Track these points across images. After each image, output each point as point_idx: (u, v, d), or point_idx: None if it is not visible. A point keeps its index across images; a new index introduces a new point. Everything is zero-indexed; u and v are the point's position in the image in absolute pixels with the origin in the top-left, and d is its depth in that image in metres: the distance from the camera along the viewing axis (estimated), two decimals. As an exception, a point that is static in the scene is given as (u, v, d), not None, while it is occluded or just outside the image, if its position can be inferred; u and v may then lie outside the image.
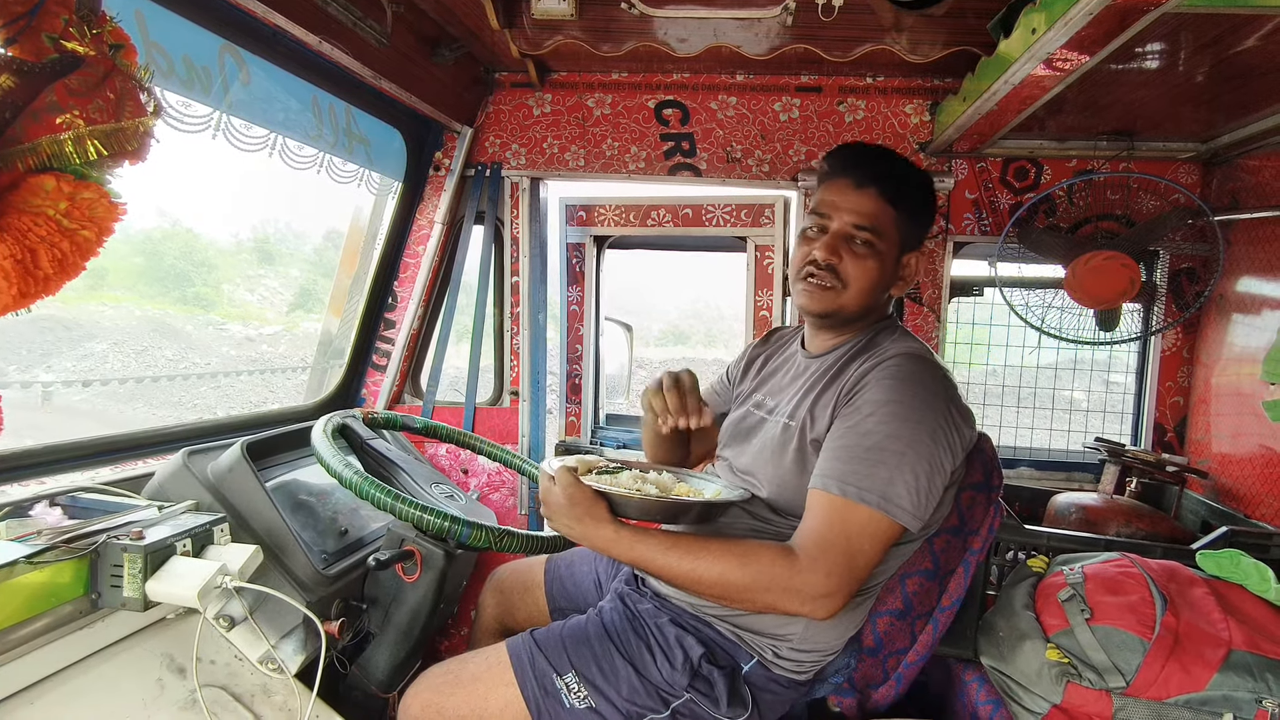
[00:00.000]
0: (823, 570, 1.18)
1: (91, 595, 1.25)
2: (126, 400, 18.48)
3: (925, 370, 1.30)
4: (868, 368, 1.32)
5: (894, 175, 1.39)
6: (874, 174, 1.37)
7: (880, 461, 1.21)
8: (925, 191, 1.45)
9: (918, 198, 1.42)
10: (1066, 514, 2.07)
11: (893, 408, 1.24)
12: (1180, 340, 2.41)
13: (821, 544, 1.20)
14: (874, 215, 1.37)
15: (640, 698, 1.36)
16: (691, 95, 2.45)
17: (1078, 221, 2.36)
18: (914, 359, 1.31)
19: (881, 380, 1.28)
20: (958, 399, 1.31)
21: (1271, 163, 2.06)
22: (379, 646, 1.69)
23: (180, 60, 1.54)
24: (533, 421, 2.58)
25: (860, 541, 1.20)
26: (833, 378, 1.39)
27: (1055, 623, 1.48)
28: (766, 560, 1.21)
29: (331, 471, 1.53)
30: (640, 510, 1.28)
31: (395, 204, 2.50)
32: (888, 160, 1.42)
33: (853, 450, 1.24)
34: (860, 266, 1.38)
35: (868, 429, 1.24)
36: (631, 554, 1.27)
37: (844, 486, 1.21)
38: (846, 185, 1.39)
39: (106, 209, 1.01)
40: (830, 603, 1.19)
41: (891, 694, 1.48)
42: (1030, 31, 1.47)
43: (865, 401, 1.27)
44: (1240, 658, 1.34)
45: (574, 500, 1.27)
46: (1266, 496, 1.99)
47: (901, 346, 1.36)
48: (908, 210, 1.40)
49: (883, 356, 1.33)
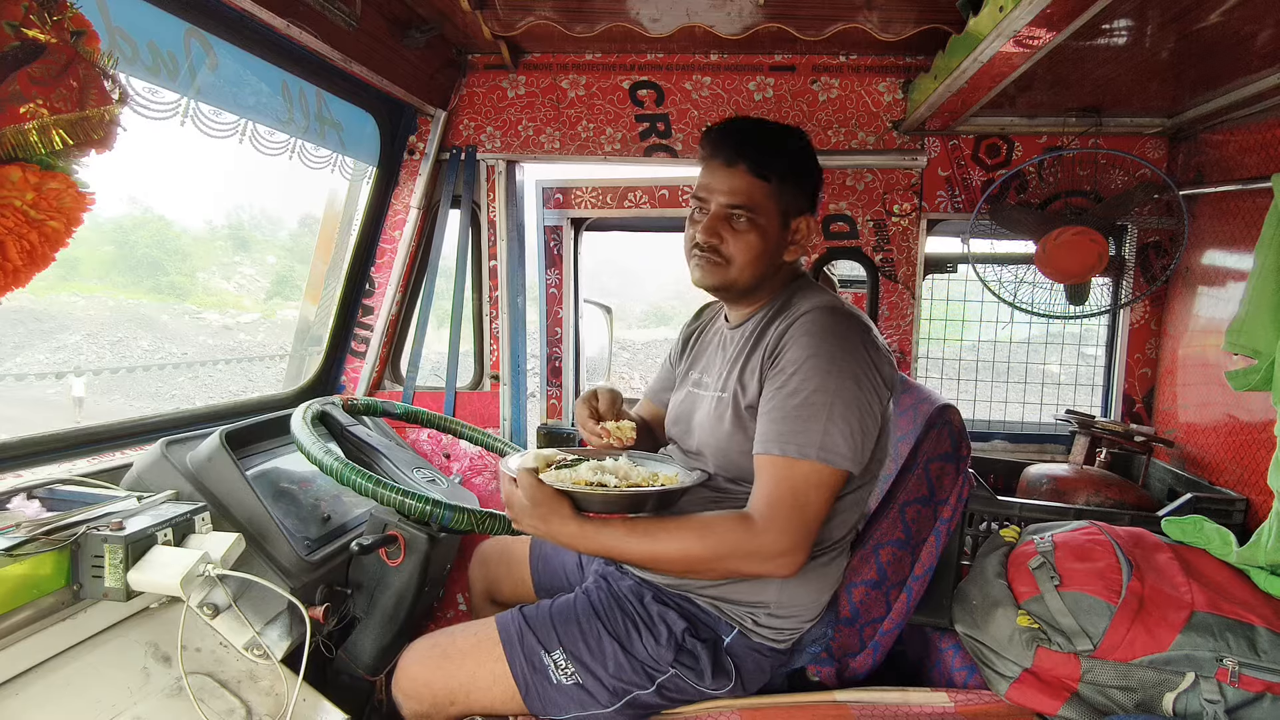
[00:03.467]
0: (776, 529, 1.24)
1: (73, 586, 1.25)
2: (103, 391, 18.26)
3: (839, 320, 1.33)
4: (784, 327, 1.36)
5: (762, 149, 1.39)
6: (740, 151, 1.38)
7: (812, 416, 1.26)
8: (801, 158, 1.44)
9: (792, 166, 1.42)
10: (1039, 484, 2.12)
11: (814, 362, 1.28)
12: (1148, 313, 2.46)
13: (772, 504, 1.25)
14: (746, 192, 1.38)
15: (626, 674, 1.39)
16: (666, 76, 2.44)
17: (1048, 197, 2.39)
18: (826, 311, 1.35)
19: (799, 338, 1.32)
20: (873, 341, 1.34)
21: (1235, 137, 2.10)
22: (364, 630, 1.71)
23: (145, 46, 1.51)
24: (514, 405, 2.59)
25: (807, 494, 1.25)
26: (754, 343, 1.43)
27: (1026, 590, 1.52)
28: (723, 529, 1.26)
29: (312, 458, 1.53)
30: (603, 504, 1.31)
31: (370, 189, 2.48)
32: (755, 134, 1.41)
33: (784, 410, 1.28)
34: (741, 242, 1.40)
35: (794, 387, 1.29)
36: (597, 545, 1.31)
37: (784, 446, 1.26)
38: (718, 165, 1.41)
39: (74, 199, 1.00)
40: (790, 559, 1.25)
41: (869, 662, 1.52)
42: (998, 9, 1.49)
43: (788, 361, 1.32)
44: (1202, 619, 1.38)
45: (536, 501, 1.30)
46: (1229, 464, 2.05)
47: (813, 302, 1.38)
48: (781, 179, 1.40)
49: (796, 314, 1.37)
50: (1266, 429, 1.70)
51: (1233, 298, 2.07)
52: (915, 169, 2.41)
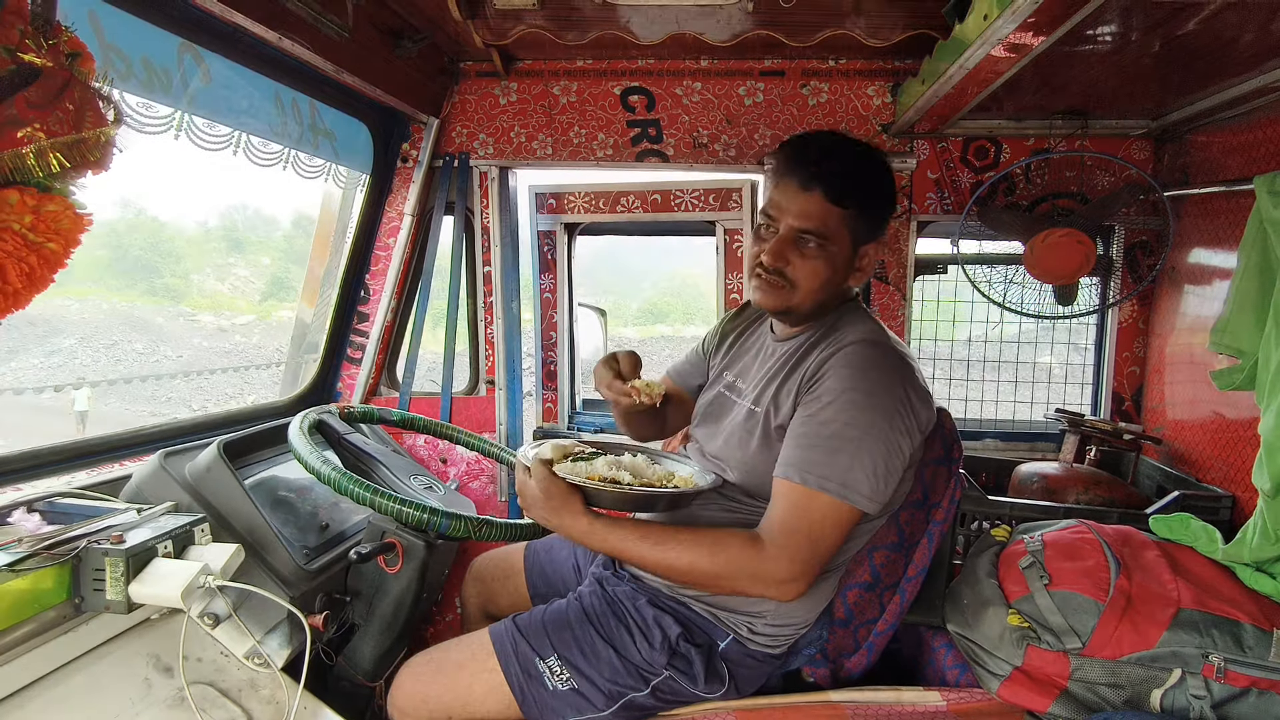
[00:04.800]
0: (787, 557, 1.24)
1: (75, 600, 1.27)
2: (99, 398, 18.22)
3: (881, 356, 1.33)
4: (826, 355, 1.35)
5: (840, 174, 1.34)
6: (818, 174, 1.33)
7: (839, 449, 1.25)
8: (877, 184, 1.40)
9: (868, 192, 1.37)
10: (1029, 483, 2.14)
11: (850, 395, 1.28)
12: (1136, 312, 2.48)
13: (786, 531, 1.25)
14: (820, 217, 1.34)
15: (621, 677, 1.41)
16: (656, 82, 2.46)
17: (1036, 199, 2.41)
18: (870, 345, 1.34)
19: (839, 369, 1.31)
20: (914, 381, 1.34)
21: (1219, 138, 2.12)
22: (364, 637, 1.72)
23: (139, 61, 1.52)
24: (510, 409, 2.61)
25: (822, 528, 1.25)
26: (795, 365, 1.42)
27: (1016, 589, 1.54)
28: (734, 549, 1.26)
29: (310, 469, 1.55)
30: (614, 501, 1.32)
31: (364, 197, 2.49)
32: (834, 158, 1.35)
33: (813, 439, 1.28)
34: (808, 268, 1.37)
35: (827, 417, 1.28)
36: (606, 544, 1.32)
37: (805, 475, 1.26)
38: (792, 186, 1.36)
39: (72, 221, 1.01)
40: (795, 587, 1.25)
41: (863, 663, 1.54)
42: (983, 17, 1.50)
43: (824, 390, 1.30)
44: (1188, 616, 1.41)
45: (549, 493, 1.31)
46: (1216, 461, 2.08)
47: (859, 333, 1.37)
48: (857, 207, 1.36)
49: (840, 344, 1.35)
50: (1251, 427, 1.72)
51: (1218, 297, 2.10)
52: (905, 172, 2.43)
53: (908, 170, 2.43)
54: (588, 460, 1.43)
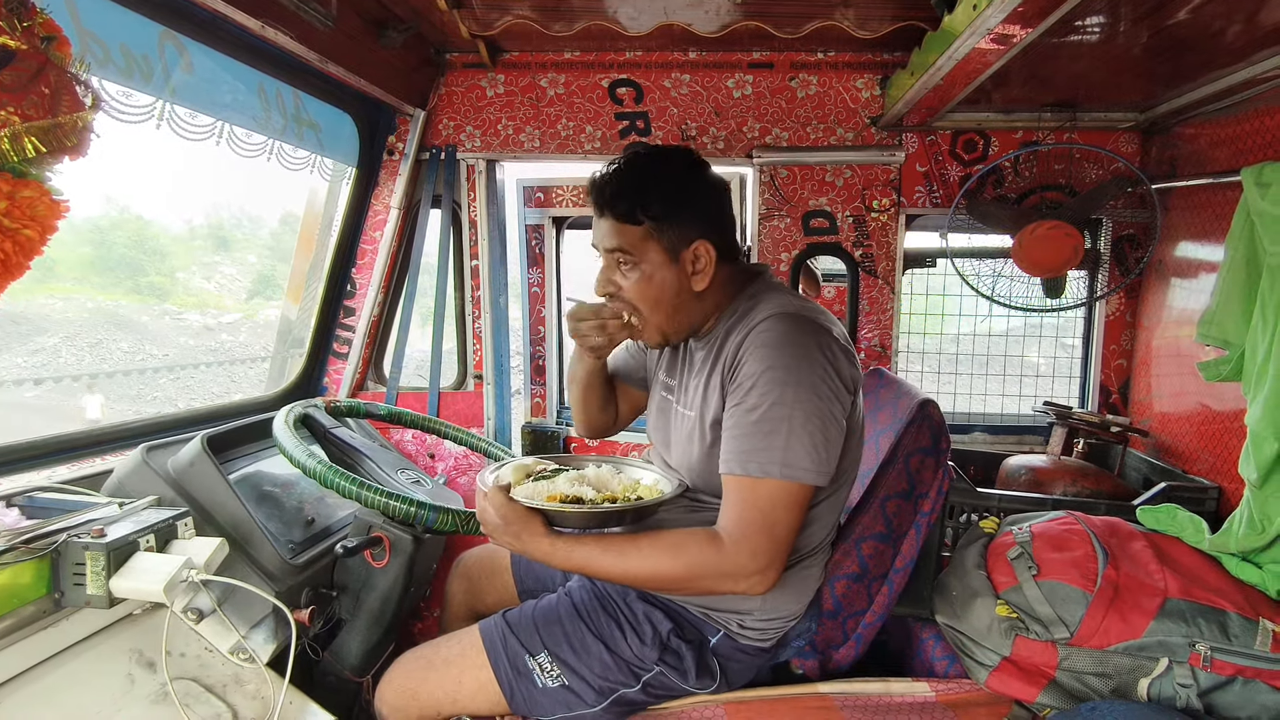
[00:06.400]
0: (748, 550, 1.22)
1: (54, 595, 1.25)
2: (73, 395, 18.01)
3: (794, 326, 1.29)
4: (741, 338, 1.33)
5: (622, 195, 1.35)
6: (602, 200, 1.36)
7: (772, 431, 1.23)
8: (667, 190, 1.36)
9: (659, 204, 1.35)
10: (1017, 476, 2.15)
11: (770, 374, 1.25)
12: (1123, 305, 2.49)
13: (741, 524, 1.24)
14: (617, 237, 1.36)
15: (612, 673, 1.40)
16: (645, 74, 2.45)
17: (1024, 192, 2.42)
18: (781, 319, 1.30)
19: (754, 350, 1.29)
20: (831, 343, 1.30)
21: (1206, 130, 2.13)
22: (351, 632, 1.71)
23: (118, 49, 1.50)
24: (498, 404, 2.59)
25: (776, 513, 1.24)
26: (715, 357, 1.39)
27: (1005, 580, 1.55)
28: (694, 550, 1.24)
29: (294, 462, 1.53)
30: (575, 520, 1.30)
31: (349, 189, 2.47)
32: (615, 182, 1.36)
33: (745, 427, 1.26)
34: (634, 288, 1.39)
35: (752, 403, 1.26)
36: (570, 562, 1.30)
37: (746, 465, 1.24)
38: (595, 215, 1.40)
39: (48, 207, 0.99)
40: (764, 578, 1.24)
41: (852, 654, 1.54)
42: (972, 7, 1.50)
43: (745, 375, 1.29)
44: (1175, 605, 1.42)
45: (506, 519, 1.28)
46: (1202, 453, 2.09)
47: (770, 308, 1.34)
48: (652, 219, 1.34)
49: (752, 323, 1.33)
50: (1238, 418, 1.73)
51: (1205, 289, 2.11)
52: (894, 165, 2.43)
53: (897, 163, 2.43)
54: (550, 478, 1.40)
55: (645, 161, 1.38)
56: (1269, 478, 1.55)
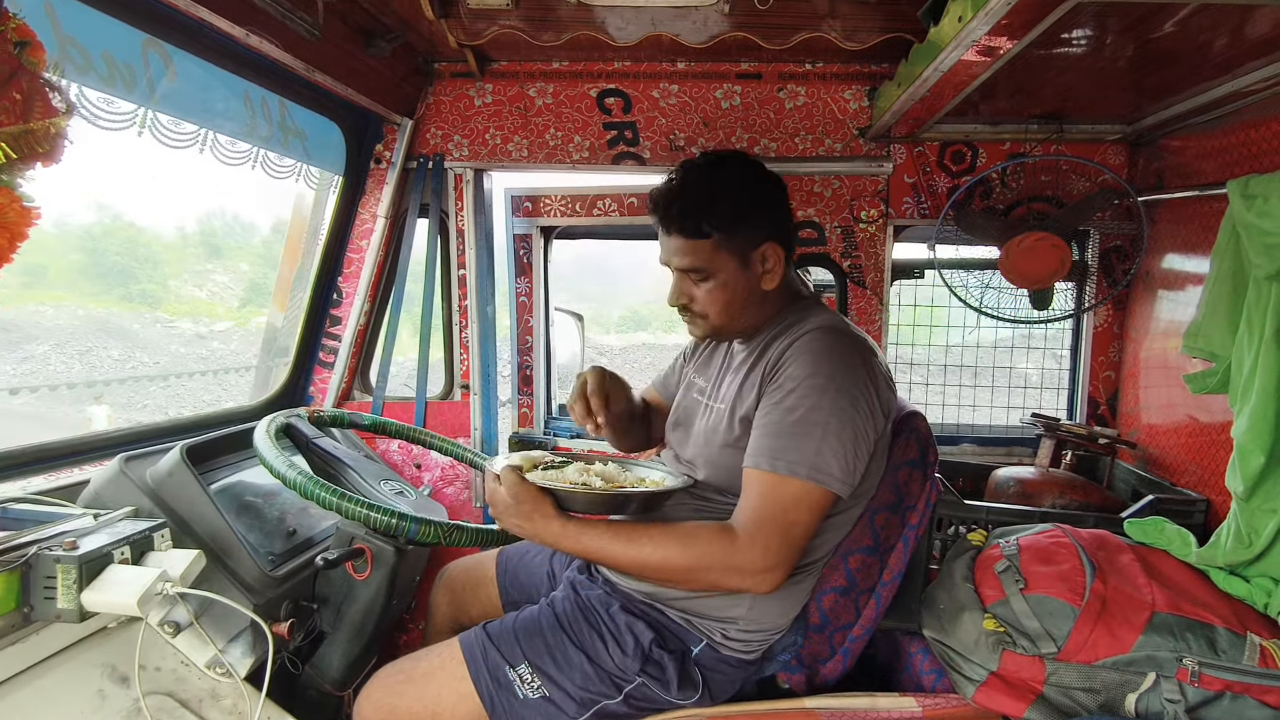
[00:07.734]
0: (761, 546, 1.23)
1: (24, 609, 1.22)
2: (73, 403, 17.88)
3: (841, 341, 1.34)
4: (786, 345, 1.36)
5: (684, 212, 1.36)
6: (667, 218, 1.38)
7: (806, 434, 1.25)
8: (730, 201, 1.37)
9: (721, 215, 1.36)
10: (1006, 488, 2.14)
11: (812, 380, 1.28)
12: (1111, 317, 2.49)
13: (758, 520, 1.25)
14: (687, 253, 1.38)
15: (593, 684, 1.38)
16: (633, 84, 2.45)
17: (1012, 203, 2.42)
18: (829, 331, 1.35)
19: (800, 355, 1.32)
20: (875, 364, 1.35)
21: (1192, 143, 2.14)
22: (332, 645, 1.68)
23: (99, 56, 1.48)
24: (485, 414, 2.57)
25: (796, 513, 1.25)
26: (757, 359, 1.43)
27: (992, 593, 1.54)
28: (706, 540, 1.25)
29: (274, 472, 1.51)
30: (585, 504, 1.31)
31: (336, 198, 2.45)
32: (678, 198, 1.37)
33: (779, 426, 1.28)
34: (706, 298, 1.42)
35: (791, 404, 1.28)
36: (578, 545, 1.30)
37: (774, 461, 1.26)
38: (661, 234, 1.43)
39: (19, 214, 0.98)
40: (771, 576, 1.24)
41: (839, 668, 1.53)
42: (958, 19, 1.50)
43: (787, 377, 1.31)
44: (1162, 619, 1.40)
45: (519, 498, 1.29)
46: (1190, 465, 2.08)
47: (817, 321, 1.38)
48: (720, 230, 1.36)
49: (799, 332, 1.37)
50: (1225, 430, 1.73)
51: (1191, 301, 2.11)
52: (882, 176, 2.43)
53: (885, 174, 2.43)
54: (558, 469, 1.43)
55: (703, 173, 1.40)
56: (1256, 490, 1.55)
